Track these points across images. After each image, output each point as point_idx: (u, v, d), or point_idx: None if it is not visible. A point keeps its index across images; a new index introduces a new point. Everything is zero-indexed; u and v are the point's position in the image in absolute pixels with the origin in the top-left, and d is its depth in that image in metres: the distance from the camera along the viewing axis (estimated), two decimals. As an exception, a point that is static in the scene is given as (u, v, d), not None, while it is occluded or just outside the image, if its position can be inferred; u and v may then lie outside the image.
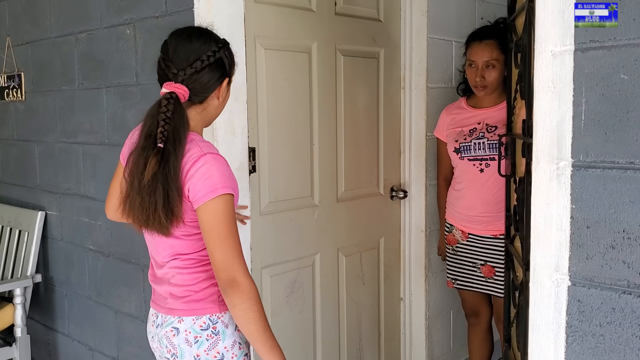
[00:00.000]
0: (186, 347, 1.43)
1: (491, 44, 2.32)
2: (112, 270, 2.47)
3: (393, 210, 2.79)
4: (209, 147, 1.40)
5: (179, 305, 1.45)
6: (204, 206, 1.34)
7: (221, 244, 1.34)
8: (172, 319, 1.46)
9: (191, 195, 1.35)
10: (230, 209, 1.35)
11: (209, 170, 1.34)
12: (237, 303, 1.34)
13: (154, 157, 1.33)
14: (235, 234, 1.36)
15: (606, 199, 1.13)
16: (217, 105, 1.49)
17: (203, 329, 1.43)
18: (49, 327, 2.94)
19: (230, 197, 1.36)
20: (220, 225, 1.34)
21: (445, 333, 2.97)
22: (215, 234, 1.34)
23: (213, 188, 1.33)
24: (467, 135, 2.40)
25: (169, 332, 1.46)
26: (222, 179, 1.35)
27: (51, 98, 2.72)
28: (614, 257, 1.13)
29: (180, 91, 1.39)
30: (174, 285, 1.46)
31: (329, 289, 2.52)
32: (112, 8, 2.30)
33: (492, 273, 2.40)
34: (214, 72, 1.42)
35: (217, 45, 1.43)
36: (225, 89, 1.48)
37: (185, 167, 1.35)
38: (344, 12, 2.47)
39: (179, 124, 1.36)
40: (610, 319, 1.14)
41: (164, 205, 1.33)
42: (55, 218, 2.79)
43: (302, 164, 2.36)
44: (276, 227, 2.28)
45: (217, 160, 1.37)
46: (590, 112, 1.14)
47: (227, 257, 1.34)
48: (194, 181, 1.34)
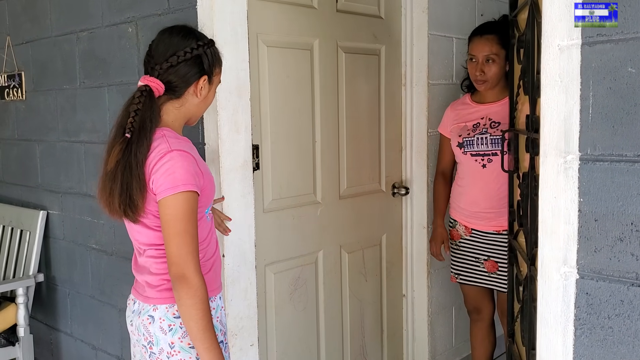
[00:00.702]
0: (161, 334, 1.48)
1: (491, 39, 2.33)
2: (115, 269, 2.47)
3: (395, 207, 2.80)
4: (179, 144, 1.43)
5: (153, 294, 1.50)
6: (163, 201, 1.38)
7: (176, 239, 1.37)
8: (148, 307, 1.50)
9: (155, 189, 1.39)
10: (190, 207, 1.39)
11: (173, 166, 1.38)
12: (183, 298, 1.38)
13: (119, 146, 1.40)
14: (192, 231, 1.39)
15: (614, 192, 1.14)
16: (197, 102, 1.52)
17: (176, 316, 1.47)
18: (51, 327, 2.93)
19: (191, 194, 1.39)
20: (177, 221, 1.37)
21: (447, 329, 2.98)
22: (172, 228, 1.38)
23: (174, 184, 1.37)
24: (471, 130, 2.41)
25: (145, 320, 1.50)
26: (185, 176, 1.38)
27: (52, 97, 2.71)
28: (622, 249, 1.14)
29: (153, 84, 1.44)
30: (151, 274, 1.50)
31: (332, 285, 2.52)
32: (113, 6, 2.29)
33: (495, 268, 2.40)
34: (190, 68, 1.46)
35: (197, 43, 1.48)
36: (205, 87, 1.51)
37: (152, 162, 1.39)
38: (345, 9, 2.47)
39: (147, 116, 1.41)
40: (619, 312, 1.15)
41: (121, 193, 1.39)
42: (57, 217, 2.79)
43: (305, 161, 2.37)
44: (279, 224, 2.28)
45: (183, 157, 1.40)
46: (597, 106, 1.14)
47: (180, 252, 1.37)
48: (158, 175, 1.38)
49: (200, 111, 1.57)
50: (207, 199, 1.51)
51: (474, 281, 2.48)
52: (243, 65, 1.97)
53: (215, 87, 1.56)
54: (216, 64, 1.53)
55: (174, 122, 1.51)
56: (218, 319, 1.56)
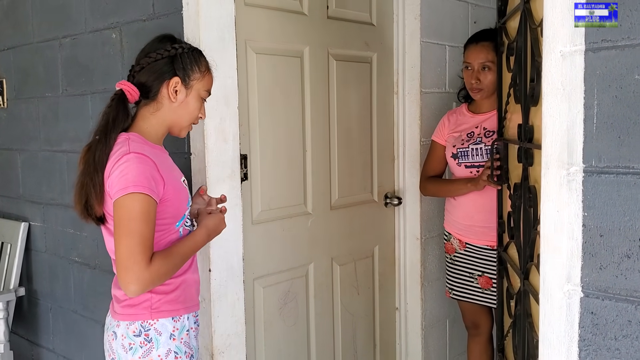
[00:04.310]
0: (122, 352, 1.45)
1: (487, 46, 2.29)
2: (99, 283, 2.39)
3: (387, 217, 2.74)
4: (140, 148, 1.40)
5: (118, 309, 1.47)
6: (115, 202, 1.35)
7: (124, 240, 1.33)
8: (113, 322, 1.48)
9: (110, 192, 1.38)
10: (142, 209, 1.34)
11: (127, 167, 1.35)
12: (130, 285, 1.33)
13: (85, 148, 1.45)
14: (143, 233, 1.33)
15: (620, 206, 1.08)
16: (174, 108, 1.48)
17: (135, 334, 1.44)
18: (33, 342, 2.85)
19: (144, 197, 1.34)
20: (127, 221, 1.33)
21: (441, 343, 2.92)
22: (121, 229, 1.33)
23: (125, 185, 1.34)
24: (465, 140, 2.36)
25: (109, 336, 1.48)
26: (137, 178, 1.34)
27: (34, 105, 2.64)
28: (630, 266, 1.08)
29: (125, 87, 1.44)
30: (117, 287, 1.47)
31: (323, 299, 2.45)
32: (97, 11, 2.22)
33: (489, 284, 2.35)
34: (161, 67, 1.45)
35: (172, 45, 1.46)
36: (181, 90, 1.47)
37: (110, 165, 1.38)
38: (336, 16, 2.42)
39: (112, 117, 1.41)
40: (627, 332, 1.09)
41: (80, 195, 1.41)
42: (39, 229, 2.70)
43: (295, 171, 2.30)
44: (269, 236, 2.22)
45: (139, 160, 1.36)
46: (602, 115, 1.08)
47: (128, 253, 1.32)
48: (113, 177, 1.37)
49: (180, 119, 1.51)
50: (176, 211, 1.46)
51: (467, 297, 2.43)
52: (231, 73, 1.91)
53: (196, 95, 1.51)
54: (194, 69, 1.49)
55: (149, 128, 1.48)
56: (182, 340, 1.48)
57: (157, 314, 1.44)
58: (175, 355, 1.46)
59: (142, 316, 1.44)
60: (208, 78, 1.54)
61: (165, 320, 1.45)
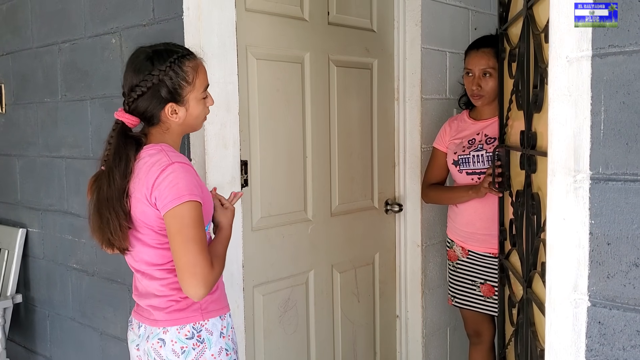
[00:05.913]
0: (174, 357, 1.44)
1: (488, 52, 2.28)
2: (97, 290, 2.36)
3: (388, 224, 2.72)
4: (178, 157, 1.42)
5: (162, 317, 1.47)
6: (169, 213, 1.36)
7: (186, 246, 1.35)
8: (157, 330, 1.47)
9: (159, 204, 1.37)
10: (196, 216, 1.36)
11: (176, 177, 1.37)
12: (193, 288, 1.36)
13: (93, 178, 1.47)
14: (202, 238, 1.36)
15: (628, 214, 1.06)
16: (181, 122, 1.48)
17: (188, 337, 1.45)
18: (30, 350, 2.81)
19: (196, 204, 1.37)
20: (185, 229, 1.35)
21: (442, 351, 2.89)
22: (180, 237, 1.35)
23: (179, 195, 1.35)
24: (466, 147, 2.34)
25: (155, 344, 1.47)
26: (188, 187, 1.36)
27: (33, 110, 2.62)
28: (638, 275, 1.06)
29: (127, 120, 1.44)
30: (156, 297, 1.47)
31: (323, 307, 2.43)
32: (96, 17, 2.21)
33: (491, 292, 2.33)
34: (150, 101, 1.43)
35: (151, 73, 1.42)
36: (180, 110, 1.46)
37: (152, 177, 1.38)
38: (337, 22, 2.41)
39: (121, 144, 1.42)
40: (635, 343, 1.07)
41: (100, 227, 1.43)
42: (36, 235, 2.68)
43: (295, 177, 2.29)
44: (269, 243, 2.20)
45: (185, 169, 1.39)
46: (610, 121, 1.07)
47: (191, 259, 1.34)
48: (161, 189, 1.37)
49: (191, 125, 1.52)
50: (208, 214, 1.49)
51: (469, 305, 2.40)
52: (232, 79, 1.90)
53: (195, 101, 1.47)
54: (182, 84, 1.44)
55: (168, 141, 1.49)
56: (229, 337, 1.53)
57: (207, 314, 1.48)
58: (226, 352, 1.50)
59: (193, 318, 1.46)
60: (200, 79, 1.48)
61: (215, 320, 1.49)
